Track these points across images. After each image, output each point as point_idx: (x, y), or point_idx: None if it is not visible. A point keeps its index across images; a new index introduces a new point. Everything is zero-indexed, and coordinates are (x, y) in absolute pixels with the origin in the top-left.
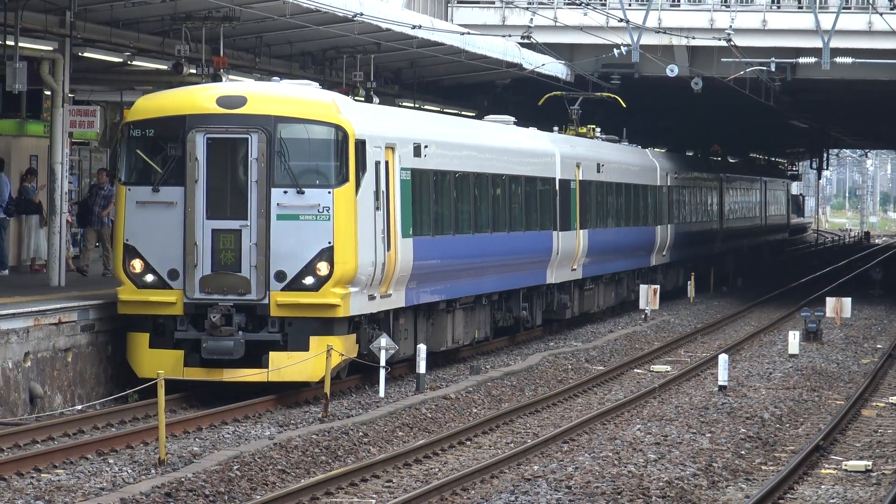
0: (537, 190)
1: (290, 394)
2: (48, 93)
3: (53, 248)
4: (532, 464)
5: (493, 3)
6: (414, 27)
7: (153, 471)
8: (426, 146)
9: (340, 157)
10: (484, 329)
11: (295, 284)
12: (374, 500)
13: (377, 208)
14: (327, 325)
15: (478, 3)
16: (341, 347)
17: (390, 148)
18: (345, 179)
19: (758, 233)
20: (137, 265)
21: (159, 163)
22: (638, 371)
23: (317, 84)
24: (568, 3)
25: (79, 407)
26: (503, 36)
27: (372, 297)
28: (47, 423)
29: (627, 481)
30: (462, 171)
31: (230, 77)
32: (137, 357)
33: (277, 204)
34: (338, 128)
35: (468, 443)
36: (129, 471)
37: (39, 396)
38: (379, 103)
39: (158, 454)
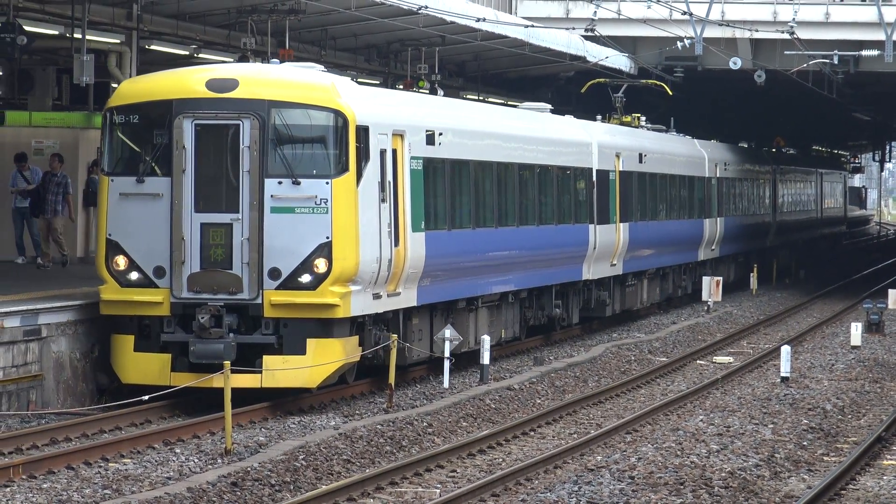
0: (571, 181)
1: (355, 385)
2: (115, 85)
3: None
4: (595, 454)
5: None
6: (478, 20)
7: (219, 460)
8: (441, 133)
9: (340, 145)
10: (512, 328)
11: (290, 283)
12: (438, 490)
13: (382, 200)
14: (326, 327)
15: None
16: (341, 350)
17: (399, 135)
18: (344, 169)
19: (813, 226)
20: (121, 262)
21: (144, 151)
22: (700, 362)
23: (321, 67)
24: None
25: (146, 398)
26: (567, 29)
27: (377, 296)
28: (115, 414)
29: (690, 472)
30: (483, 160)
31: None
32: (121, 361)
33: (271, 196)
34: (337, 113)
35: (532, 433)
36: (196, 460)
37: (107, 387)
38: (444, 95)
39: (225, 444)
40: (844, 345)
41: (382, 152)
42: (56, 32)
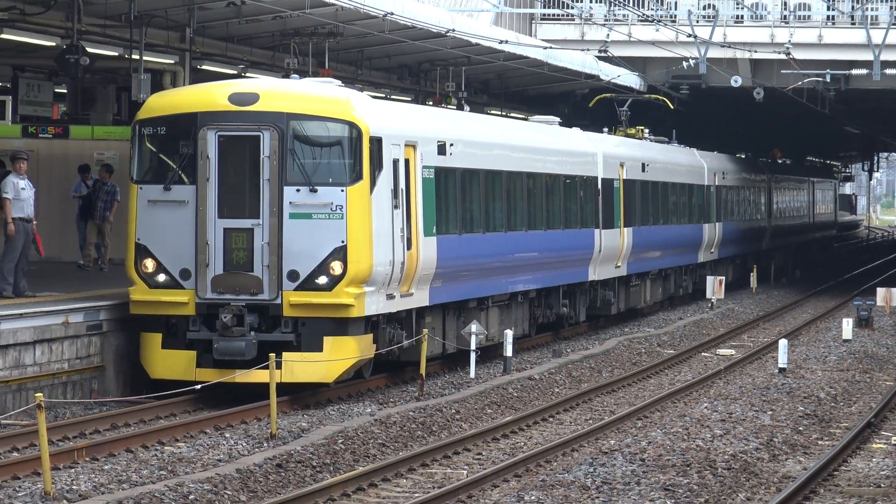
0: (577, 189)
1: (391, 375)
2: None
3: None
4: (609, 438)
5: (573, 19)
6: (501, 42)
7: (265, 444)
8: (451, 144)
9: (354, 155)
10: (521, 326)
11: (308, 284)
12: (465, 471)
13: (395, 206)
14: (342, 325)
15: (559, 19)
16: (356, 347)
17: (411, 146)
18: (359, 177)
19: (806, 230)
20: (149, 265)
21: (171, 161)
22: (705, 354)
23: (338, 82)
24: (641, 20)
25: (198, 386)
26: (582, 50)
27: (391, 297)
28: (169, 402)
29: (696, 454)
30: (493, 169)
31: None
32: (150, 358)
33: (290, 202)
34: (351, 125)
35: (551, 419)
36: (244, 444)
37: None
38: (470, 110)
39: (270, 429)
40: (837, 339)
41: (395, 162)
42: (116, 54)
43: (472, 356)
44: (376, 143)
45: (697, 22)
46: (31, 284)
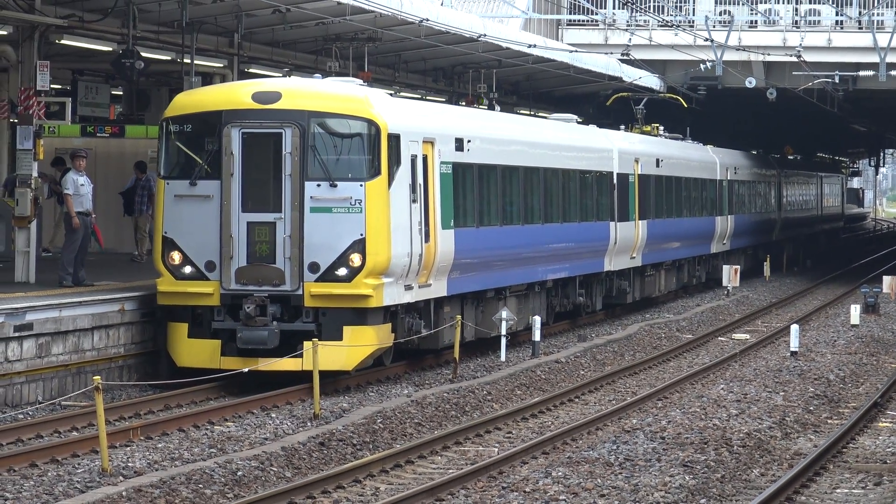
0: (593, 183)
1: (425, 358)
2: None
3: None
4: (631, 418)
5: (598, 25)
6: (529, 46)
7: (309, 424)
8: (469, 141)
9: (373, 151)
10: (540, 315)
11: (328, 275)
12: (496, 449)
13: (413, 201)
14: (361, 315)
15: (584, 25)
16: (375, 337)
17: (429, 142)
18: (377, 173)
19: (814, 222)
20: (176, 257)
21: (197, 157)
22: (721, 339)
23: (359, 81)
24: (661, 25)
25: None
26: (606, 53)
27: (409, 288)
28: (219, 384)
29: (713, 433)
30: (510, 164)
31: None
32: (177, 347)
33: (311, 197)
34: (370, 122)
35: (576, 400)
36: (289, 424)
37: None
38: (501, 110)
39: (313, 409)
40: (845, 324)
41: (413, 157)
42: (168, 58)
43: (503, 340)
44: (394, 139)
45: (714, 27)
46: (89, 274)
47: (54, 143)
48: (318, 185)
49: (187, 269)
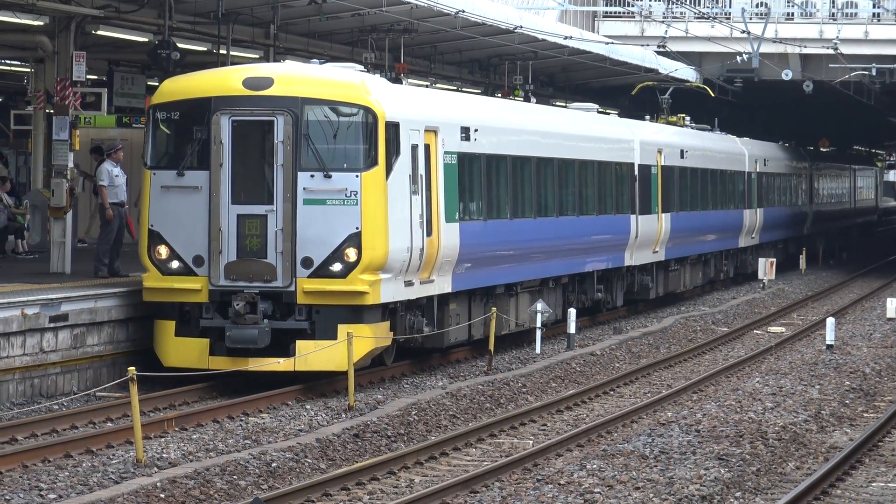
0: (612, 174)
1: (459, 351)
2: None
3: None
4: (666, 411)
5: (634, 17)
6: (566, 38)
7: (343, 415)
8: (476, 130)
9: (369, 140)
10: (554, 312)
11: (322, 271)
12: (531, 441)
13: (414, 192)
14: (356, 313)
15: (620, 17)
16: (371, 335)
17: (432, 131)
18: (374, 163)
19: (847, 216)
20: (163, 251)
21: (184, 146)
22: (757, 332)
23: (360, 66)
24: (698, 17)
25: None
26: (642, 45)
27: (409, 284)
28: (253, 377)
29: (748, 426)
30: (521, 155)
31: (408, 82)
32: (163, 346)
33: (304, 188)
34: (367, 109)
35: (611, 392)
36: (323, 415)
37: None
38: (536, 102)
39: (348, 401)
40: (881, 317)
41: (414, 147)
42: (204, 49)
43: (538, 333)
44: (393, 127)
45: (751, 19)
46: (124, 265)
47: (90, 133)
48: (312, 176)
49: (174, 264)
